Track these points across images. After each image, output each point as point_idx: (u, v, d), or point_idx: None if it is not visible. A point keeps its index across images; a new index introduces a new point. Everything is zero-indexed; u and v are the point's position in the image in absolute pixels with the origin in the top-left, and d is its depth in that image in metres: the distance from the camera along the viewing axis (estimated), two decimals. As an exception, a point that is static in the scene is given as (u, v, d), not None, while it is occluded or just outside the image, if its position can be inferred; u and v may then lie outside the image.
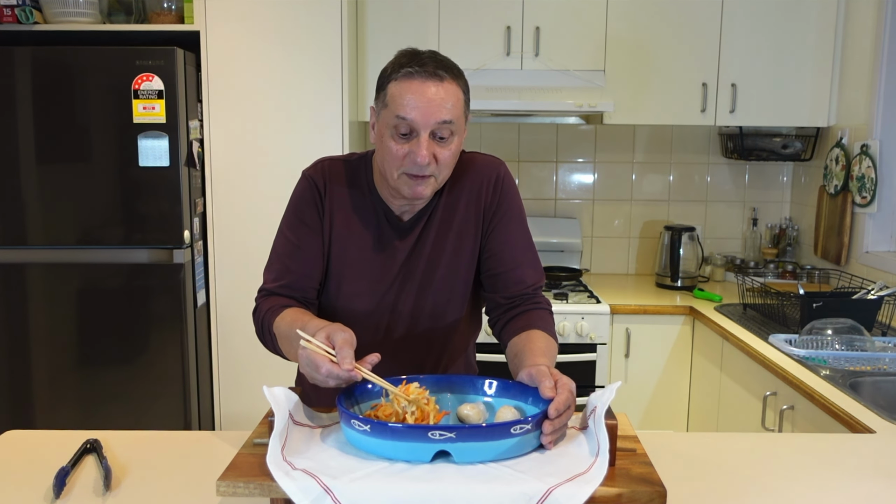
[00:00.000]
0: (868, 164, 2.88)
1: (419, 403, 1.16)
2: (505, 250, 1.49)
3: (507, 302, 1.50)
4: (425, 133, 1.32)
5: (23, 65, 2.60)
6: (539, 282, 1.52)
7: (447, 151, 1.36)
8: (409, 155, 1.33)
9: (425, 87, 1.32)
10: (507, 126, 3.54)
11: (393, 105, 1.34)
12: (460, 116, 1.36)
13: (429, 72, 1.33)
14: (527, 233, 1.53)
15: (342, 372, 1.13)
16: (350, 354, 1.14)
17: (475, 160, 1.52)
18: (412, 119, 1.32)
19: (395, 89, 1.34)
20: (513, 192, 1.52)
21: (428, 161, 1.33)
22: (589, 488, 1.00)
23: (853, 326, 2.33)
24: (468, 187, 1.49)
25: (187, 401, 2.74)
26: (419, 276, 1.48)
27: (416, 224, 1.48)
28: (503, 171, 1.51)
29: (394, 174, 1.37)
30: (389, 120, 1.34)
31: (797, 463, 1.39)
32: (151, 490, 1.26)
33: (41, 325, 2.72)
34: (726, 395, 2.67)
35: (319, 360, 1.14)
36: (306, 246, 1.46)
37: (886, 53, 2.84)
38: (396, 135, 1.34)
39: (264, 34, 2.73)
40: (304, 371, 1.18)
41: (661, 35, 3.12)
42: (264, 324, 1.41)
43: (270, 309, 1.41)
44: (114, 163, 2.64)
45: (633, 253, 3.63)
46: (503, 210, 1.49)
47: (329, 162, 1.51)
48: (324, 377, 1.14)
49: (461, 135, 1.39)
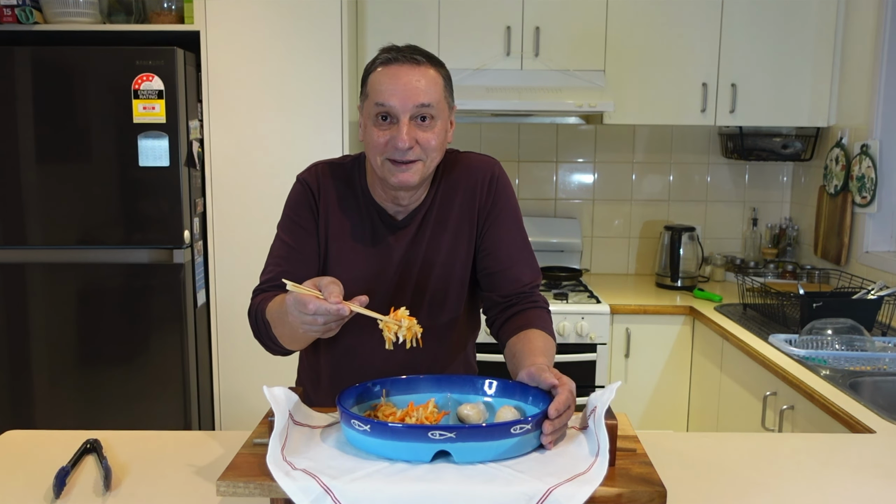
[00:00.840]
0: (868, 164, 2.88)
1: (412, 325, 1.19)
2: (501, 249, 1.50)
3: (504, 301, 1.50)
4: (405, 117, 1.34)
5: (23, 65, 2.60)
6: (535, 280, 1.53)
7: (430, 135, 1.37)
8: (391, 140, 1.35)
9: (402, 71, 1.35)
10: (507, 126, 3.54)
11: (373, 94, 1.36)
12: (440, 100, 1.38)
13: (405, 56, 1.36)
14: (522, 232, 1.54)
15: (330, 306, 1.10)
16: (337, 291, 1.13)
17: (470, 159, 1.52)
18: (391, 104, 1.34)
19: (373, 78, 1.37)
20: (508, 191, 1.52)
21: (409, 145, 1.34)
22: (589, 488, 1.00)
23: (853, 326, 2.33)
24: (463, 187, 1.49)
25: (187, 401, 2.74)
26: (415, 275, 1.48)
27: (410, 223, 1.48)
28: (498, 171, 1.52)
29: (378, 161, 1.38)
30: (371, 109, 1.37)
31: (797, 463, 1.39)
32: (151, 490, 1.26)
33: (41, 325, 2.72)
34: (726, 395, 2.67)
35: (306, 298, 1.11)
36: (301, 247, 1.47)
37: (886, 53, 2.84)
38: (378, 122, 1.36)
39: (264, 34, 2.73)
40: (294, 318, 1.15)
41: (661, 35, 3.12)
42: (258, 315, 1.40)
43: (262, 300, 1.41)
44: (114, 163, 2.64)
45: (633, 253, 3.63)
46: (498, 209, 1.50)
47: (322, 165, 1.52)
48: (312, 314, 1.11)
49: (445, 120, 1.40)
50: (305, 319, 1.14)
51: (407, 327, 1.20)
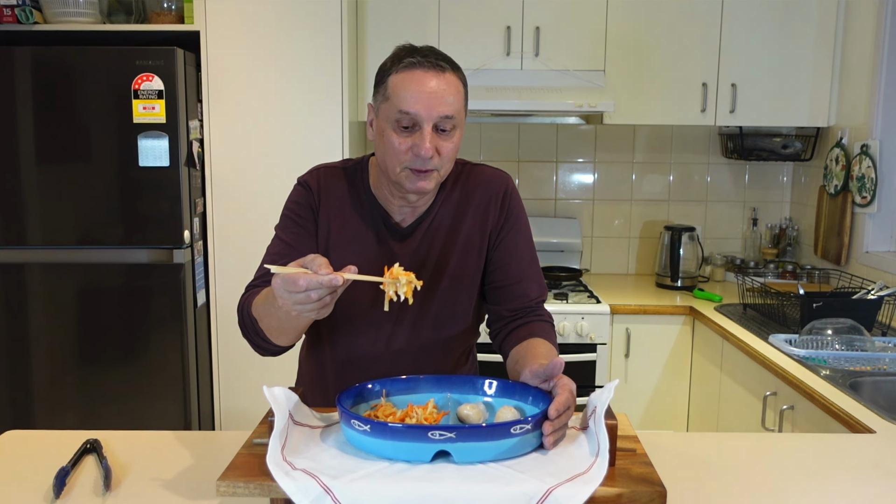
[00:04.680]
0: (868, 164, 2.88)
1: (411, 280, 1.19)
2: (511, 263, 1.49)
3: (511, 314, 1.50)
4: (428, 126, 1.32)
5: (23, 65, 2.60)
6: (542, 296, 1.52)
7: (450, 144, 1.35)
8: (413, 148, 1.33)
9: (427, 78, 1.31)
10: (507, 126, 3.54)
11: (395, 98, 1.32)
12: (461, 110, 1.36)
13: (430, 62, 1.32)
14: (532, 247, 1.54)
15: (322, 278, 1.06)
16: (325, 263, 1.08)
17: (485, 173, 1.52)
18: (415, 112, 1.31)
19: (396, 81, 1.33)
20: (519, 206, 1.53)
21: (431, 154, 1.33)
22: (589, 488, 1.00)
23: (853, 326, 2.33)
24: (477, 201, 1.49)
25: (187, 401, 2.74)
26: (422, 286, 1.46)
27: (415, 230, 1.47)
28: (511, 186, 1.52)
29: (396, 169, 1.35)
30: (391, 114, 1.33)
31: (797, 463, 1.39)
32: (151, 490, 1.26)
33: (41, 325, 2.72)
34: (726, 395, 2.67)
35: (295, 275, 1.07)
36: (299, 246, 1.44)
37: (886, 53, 2.84)
38: (399, 128, 1.33)
39: (264, 34, 2.73)
40: (284, 300, 1.09)
41: (661, 35, 3.12)
42: (244, 310, 1.37)
43: (249, 296, 1.38)
44: (114, 163, 2.64)
45: (633, 253, 3.63)
46: (510, 224, 1.50)
47: (324, 169, 1.50)
48: (304, 290, 1.06)
49: (461, 128, 1.39)
50: (297, 298, 1.08)
51: (406, 283, 1.19)
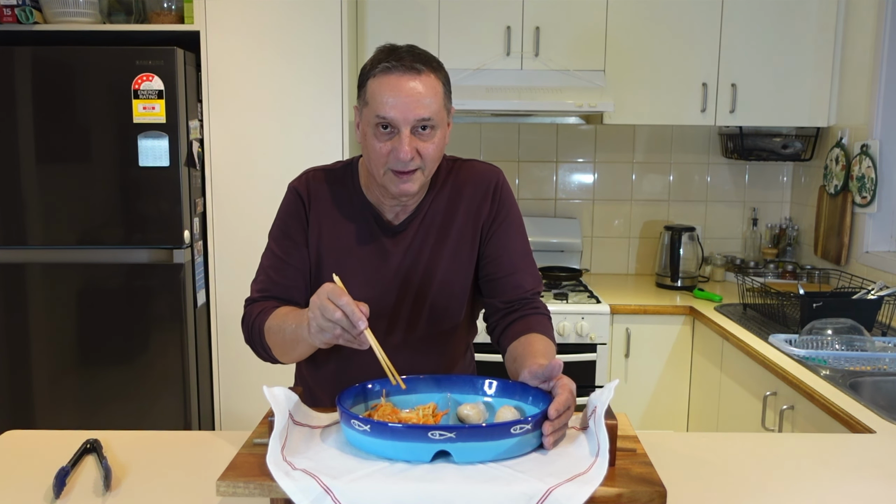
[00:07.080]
0: (868, 164, 2.88)
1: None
2: (504, 256, 1.50)
3: (506, 307, 1.50)
4: (406, 129, 1.33)
5: (23, 65, 2.60)
6: (537, 287, 1.53)
7: (430, 145, 1.37)
8: (393, 152, 1.35)
9: (402, 82, 1.33)
10: (507, 126, 3.54)
11: (373, 103, 1.35)
12: (440, 110, 1.37)
13: (406, 66, 1.33)
14: (525, 239, 1.55)
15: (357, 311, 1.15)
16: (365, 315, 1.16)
17: (475, 168, 1.53)
18: (392, 117, 1.33)
19: (373, 86, 1.35)
20: (511, 199, 1.53)
21: (411, 157, 1.34)
22: (589, 488, 1.00)
23: (853, 326, 2.33)
24: (468, 196, 1.50)
25: (187, 401, 2.74)
26: (416, 282, 1.48)
27: (407, 227, 1.48)
28: (501, 180, 1.53)
29: (380, 171, 1.38)
30: (370, 119, 1.36)
31: (797, 463, 1.39)
32: (151, 490, 1.26)
33: (41, 325, 2.72)
34: (726, 395, 2.67)
35: (342, 291, 1.16)
36: (291, 259, 1.48)
37: (886, 53, 2.84)
38: (378, 132, 1.35)
39: (264, 34, 2.73)
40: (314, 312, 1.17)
41: (661, 35, 3.12)
42: (254, 326, 1.42)
43: (263, 310, 1.42)
44: (114, 163, 2.64)
45: (633, 253, 3.63)
46: (502, 217, 1.51)
47: (313, 172, 1.53)
48: (342, 304, 1.14)
49: (444, 127, 1.40)
50: (323, 325, 1.16)
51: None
